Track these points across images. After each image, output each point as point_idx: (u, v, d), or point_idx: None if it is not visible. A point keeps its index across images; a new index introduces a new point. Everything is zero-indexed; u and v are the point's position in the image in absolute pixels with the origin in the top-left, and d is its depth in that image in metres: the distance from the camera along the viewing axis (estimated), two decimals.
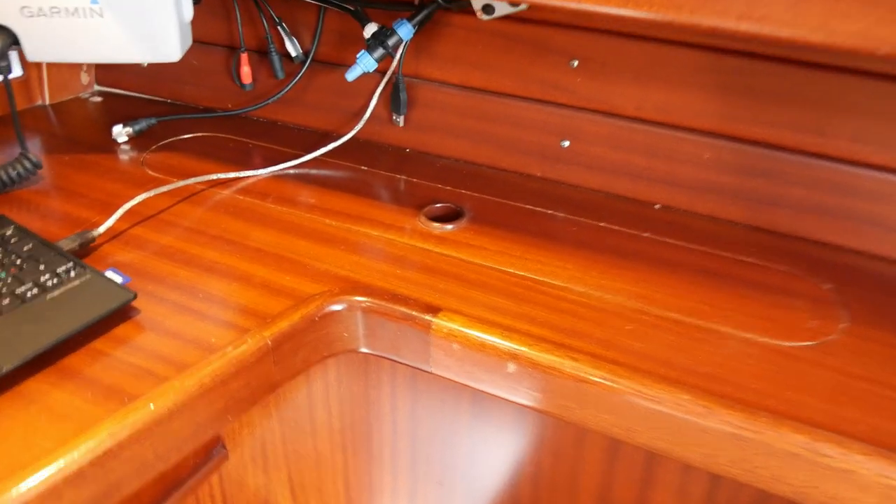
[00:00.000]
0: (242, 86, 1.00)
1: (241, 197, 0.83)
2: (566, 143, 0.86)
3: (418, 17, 0.83)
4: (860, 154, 0.75)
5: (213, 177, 0.86)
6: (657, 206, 0.85)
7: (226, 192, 0.84)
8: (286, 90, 0.98)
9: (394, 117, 0.93)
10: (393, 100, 0.92)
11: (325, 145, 0.91)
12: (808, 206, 0.79)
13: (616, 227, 0.81)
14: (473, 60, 0.87)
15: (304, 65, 0.96)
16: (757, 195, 0.80)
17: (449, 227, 0.79)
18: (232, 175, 0.87)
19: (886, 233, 0.76)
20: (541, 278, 0.72)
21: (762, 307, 0.69)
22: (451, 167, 0.92)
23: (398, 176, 0.89)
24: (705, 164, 0.81)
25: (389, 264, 0.72)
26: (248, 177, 0.88)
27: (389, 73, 0.91)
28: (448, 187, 0.87)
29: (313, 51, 0.95)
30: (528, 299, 0.69)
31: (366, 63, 0.84)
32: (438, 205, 0.83)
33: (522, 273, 0.73)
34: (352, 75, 0.84)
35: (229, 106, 1.04)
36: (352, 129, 0.92)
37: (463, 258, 0.74)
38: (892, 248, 0.76)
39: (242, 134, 0.99)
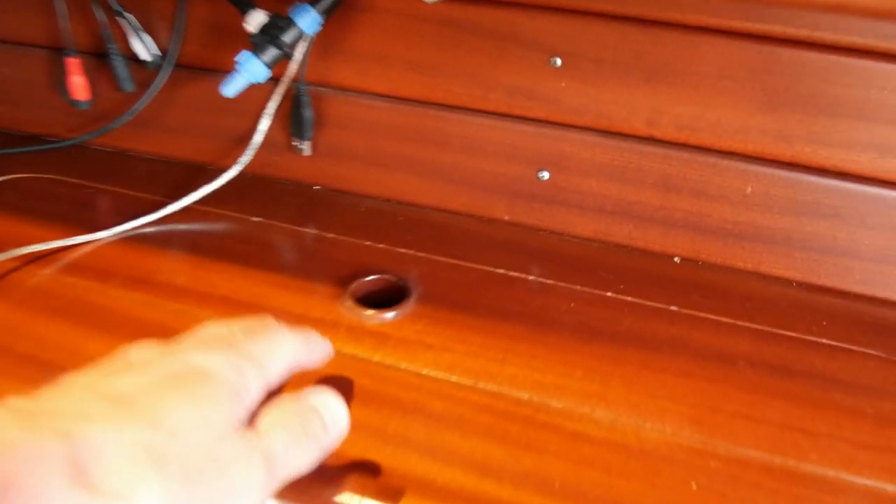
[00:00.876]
0: (75, 103, 0.70)
1: (73, 279, 0.55)
2: (545, 175, 0.61)
3: (327, 1, 0.56)
4: None
5: (31, 249, 0.57)
6: (677, 260, 0.61)
7: (48, 272, 0.55)
8: (138, 108, 0.69)
9: (295, 143, 0.66)
10: (293, 119, 0.65)
11: (198, 187, 0.63)
12: (892, 257, 0.56)
13: (629, 298, 0.56)
14: (410, 60, 0.61)
15: (161, 72, 0.67)
16: (820, 242, 0.57)
17: (389, 315, 0.53)
18: (58, 244, 0.58)
19: None
20: (543, 400, 0.47)
21: (874, 426, 0.46)
22: (382, 212, 0.65)
23: (306, 229, 0.62)
24: (747, 201, 0.57)
25: None
26: (84, 243, 0.59)
27: (287, 80, 0.63)
28: (381, 245, 0.60)
29: (174, 52, 0.66)
30: (530, 443, 0.44)
31: (251, 70, 0.56)
32: (370, 277, 0.56)
33: (512, 392, 0.47)
34: (231, 89, 0.56)
35: (59, 133, 0.74)
36: (235, 161, 0.64)
37: (418, 371, 0.49)
38: None
39: (78, 173, 0.69)
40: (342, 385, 0.48)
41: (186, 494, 0.30)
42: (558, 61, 0.57)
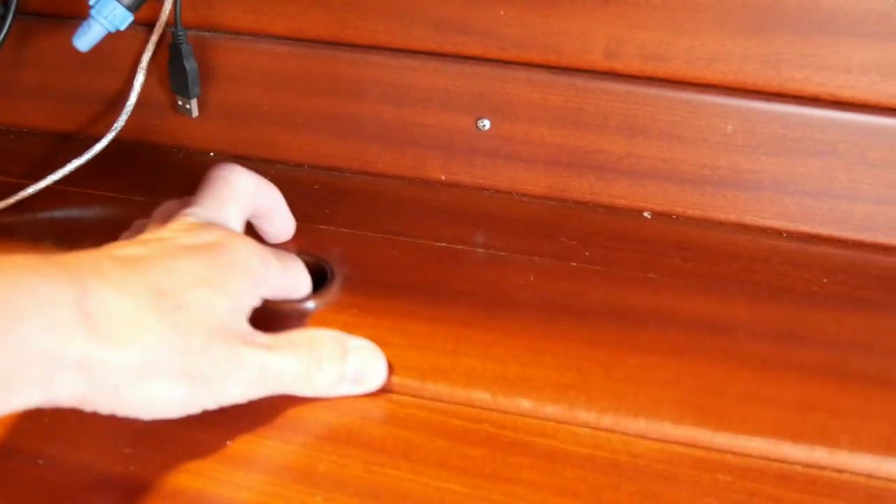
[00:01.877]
0: None
1: None
2: (486, 124, 0.51)
3: None
4: None
5: None
6: (647, 215, 0.51)
7: None
8: None
9: (180, 102, 0.54)
10: (173, 73, 0.53)
11: (64, 163, 0.51)
12: None
13: (598, 268, 0.47)
14: None
15: (3, 21, 0.54)
16: (814, 185, 0.48)
17: (308, 304, 0.43)
18: None
19: None
20: (510, 399, 0.39)
21: None
22: (294, 180, 0.54)
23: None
24: (728, 142, 0.48)
25: None
26: None
27: (159, 25, 0.51)
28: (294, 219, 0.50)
29: None
30: (496, 471, 0.36)
31: (108, 14, 0.44)
32: None
33: (470, 393, 0.39)
34: (85, 41, 0.44)
35: None
36: (109, 128, 0.52)
37: None
38: None
39: None
40: (250, 410, 0.38)
41: (179, 360, 0.32)
42: None
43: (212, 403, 0.34)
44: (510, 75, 0.49)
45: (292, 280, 0.41)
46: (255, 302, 0.37)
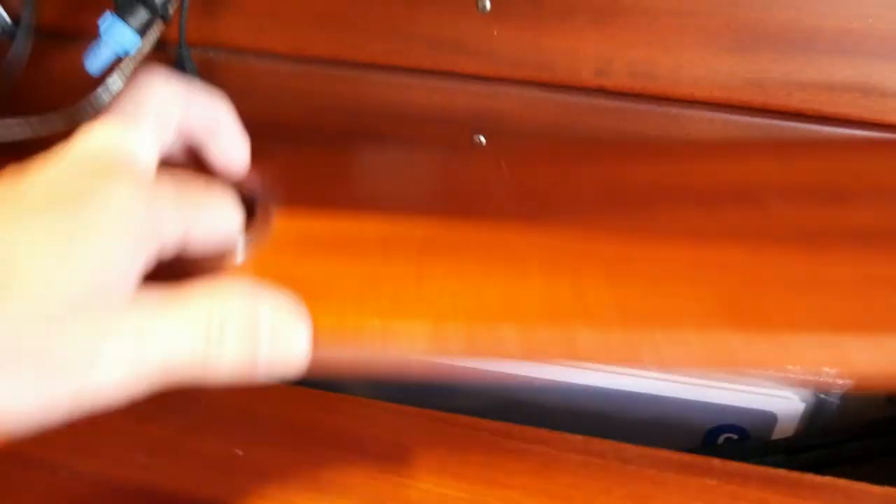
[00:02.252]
0: None
1: None
2: (481, 139, 0.52)
3: None
4: None
5: None
6: None
7: None
8: None
9: None
10: None
11: None
12: None
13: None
14: (314, 11, 0.51)
15: (17, 41, 0.55)
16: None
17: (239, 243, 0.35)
18: None
19: None
20: (493, 331, 0.39)
21: None
22: None
23: None
24: None
25: None
26: None
27: (157, 40, 0.52)
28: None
29: (30, 18, 0.55)
30: (511, 480, 0.37)
31: (119, 37, 0.45)
32: None
33: (460, 346, 0.40)
34: (96, 64, 0.46)
35: None
36: None
37: None
38: None
39: None
40: (250, 417, 0.40)
41: (14, 350, 0.24)
42: (487, 4, 0.48)
43: (78, 401, 0.26)
44: (504, 92, 0.51)
45: (207, 220, 0.31)
46: (146, 256, 0.27)
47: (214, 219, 0.31)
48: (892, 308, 0.28)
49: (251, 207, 0.34)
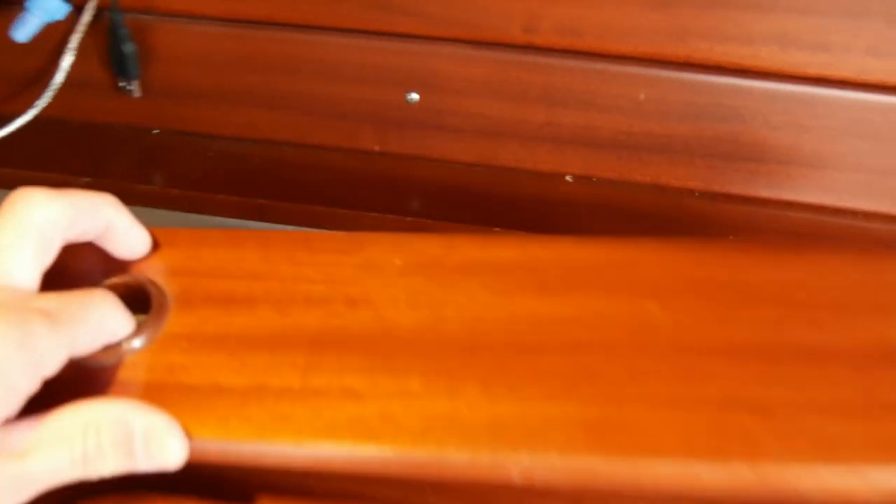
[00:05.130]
0: None
1: None
2: (415, 97, 0.53)
3: None
4: None
5: None
6: (569, 178, 0.55)
7: None
8: None
9: (122, 84, 0.56)
10: (113, 56, 0.54)
11: None
12: (798, 158, 0.51)
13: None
14: None
15: None
16: (722, 147, 0.52)
17: (134, 342, 0.32)
18: None
19: None
20: (386, 464, 0.28)
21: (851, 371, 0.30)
22: (234, 154, 0.56)
23: (149, 186, 0.53)
24: (641, 109, 0.51)
25: None
26: None
27: (92, 7, 0.53)
28: (233, 197, 0.52)
29: None
30: None
31: (45, 4, 0.46)
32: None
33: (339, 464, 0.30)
34: (23, 32, 0.46)
35: None
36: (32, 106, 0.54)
37: None
38: None
39: None
40: None
41: None
42: None
43: None
44: (435, 51, 0.52)
45: (90, 334, 0.31)
46: (23, 395, 0.28)
47: (95, 332, 0.31)
48: (745, 435, 0.29)
49: (146, 301, 0.34)
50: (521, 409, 0.30)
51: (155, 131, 0.58)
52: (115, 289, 0.33)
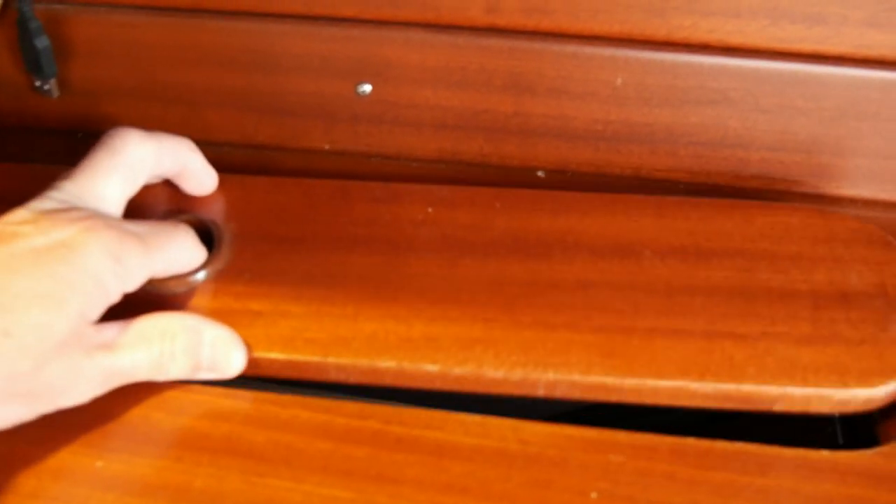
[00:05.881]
0: None
1: None
2: (366, 89, 0.48)
3: None
4: None
5: None
6: (541, 174, 0.50)
7: None
8: None
9: (38, 83, 0.50)
10: (26, 51, 0.48)
11: None
12: (792, 143, 0.47)
13: (497, 205, 0.45)
14: None
15: None
16: (708, 134, 0.47)
17: (198, 276, 0.40)
18: None
19: None
20: (415, 364, 0.38)
21: (812, 310, 0.39)
22: None
23: None
24: (618, 95, 0.46)
25: None
26: None
27: None
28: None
29: None
30: (382, 472, 0.35)
31: None
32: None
33: (375, 362, 0.38)
34: None
35: None
36: None
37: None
38: None
39: None
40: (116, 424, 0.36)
41: (8, 386, 0.31)
42: None
43: (51, 410, 0.33)
44: (387, 36, 0.46)
45: (171, 261, 0.38)
46: (111, 301, 0.34)
47: (174, 260, 0.38)
48: (724, 357, 0.37)
49: (213, 237, 0.41)
50: (546, 334, 0.38)
51: (79, 134, 0.52)
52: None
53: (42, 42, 0.47)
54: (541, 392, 0.37)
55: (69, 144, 0.52)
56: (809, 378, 0.36)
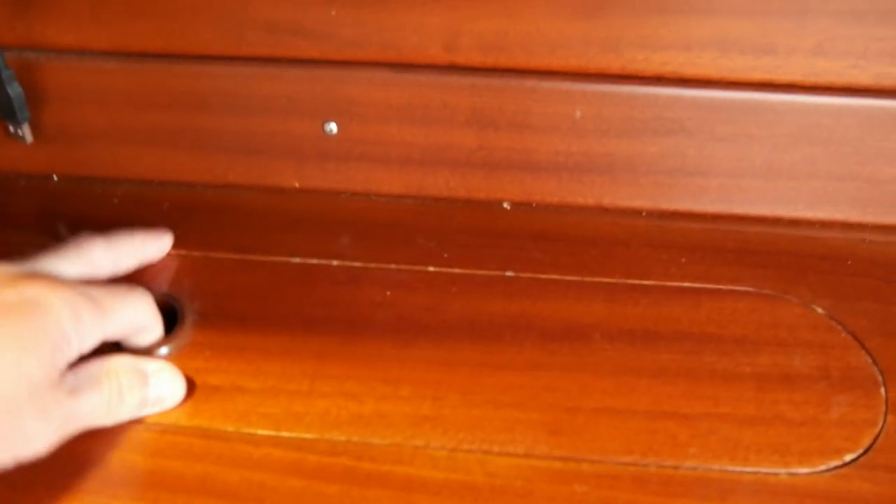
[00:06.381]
0: None
1: None
2: (333, 128, 0.49)
3: None
4: None
5: None
6: (506, 206, 0.51)
7: None
8: None
9: (11, 128, 0.51)
10: None
11: None
12: (749, 169, 0.48)
13: (456, 271, 0.46)
14: (136, 3, 0.46)
15: None
16: (667, 163, 0.48)
17: (161, 350, 0.41)
18: None
19: None
20: (364, 439, 0.38)
21: (756, 392, 0.40)
22: (142, 199, 0.51)
23: (41, 240, 0.48)
24: (578, 128, 0.47)
25: None
26: None
27: None
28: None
29: None
30: None
31: None
32: None
33: (325, 436, 0.38)
34: None
35: None
36: None
37: (203, 427, 0.39)
38: None
39: None
40: (102, 471, 0.37)
41: None
42: None
43: (10, 462, 0.33)
44: (350, 76, 0.47)
45: (125, 323, 0.38)
46: (72, 356, 0.35)
47: (128, 322, 0.39)
48: (668, 436, 0.38)
49: (176, 314, 0.43)
50: (495, 412, 0.39)
51: (53, 178, 0.53)
52: None
53: (14, 90, 0.48)
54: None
55: (44, 187, 0.53)
56: (751, 458, 0.37)
